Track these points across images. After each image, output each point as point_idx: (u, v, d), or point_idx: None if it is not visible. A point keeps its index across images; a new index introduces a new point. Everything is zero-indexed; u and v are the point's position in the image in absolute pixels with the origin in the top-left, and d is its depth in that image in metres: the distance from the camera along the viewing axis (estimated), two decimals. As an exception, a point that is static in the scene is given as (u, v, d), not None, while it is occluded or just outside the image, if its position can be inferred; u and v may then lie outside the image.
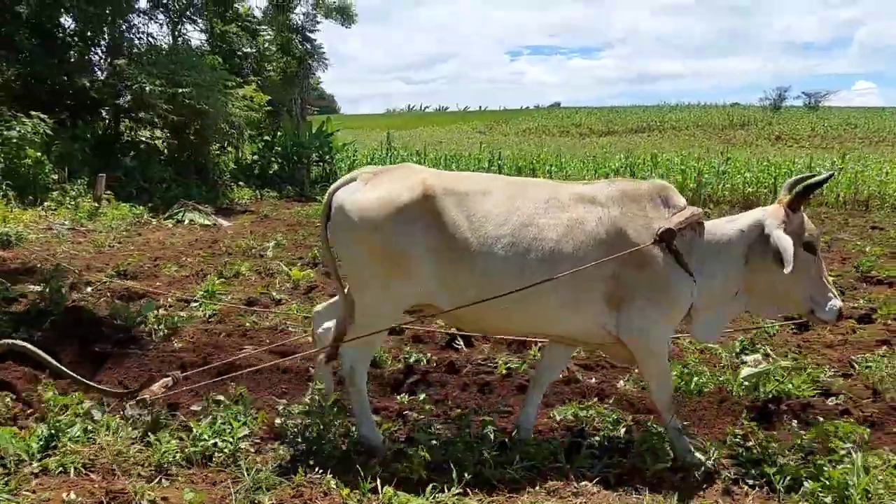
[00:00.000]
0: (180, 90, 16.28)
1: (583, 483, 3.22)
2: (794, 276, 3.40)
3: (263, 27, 26.50)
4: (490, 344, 5.43)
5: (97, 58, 16.38)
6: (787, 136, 55.98)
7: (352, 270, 3.61)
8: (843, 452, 3.26)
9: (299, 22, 27.02)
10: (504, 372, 4.90)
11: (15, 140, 13.90)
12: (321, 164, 25.93)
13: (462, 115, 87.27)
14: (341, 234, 3.57)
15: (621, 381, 4.84)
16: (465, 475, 3.10)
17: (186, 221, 13.77)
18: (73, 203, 13.60)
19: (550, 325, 3.62)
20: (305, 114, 25.61)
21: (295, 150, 24.04)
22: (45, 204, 13.58)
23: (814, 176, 3.66)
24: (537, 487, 3.16)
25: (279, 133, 24.54)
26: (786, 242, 3.33)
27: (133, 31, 18.78)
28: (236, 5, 23.57)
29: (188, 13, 22.48)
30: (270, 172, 23.40)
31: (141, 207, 14.46)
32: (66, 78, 16.12)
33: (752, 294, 3.63)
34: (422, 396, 4.27)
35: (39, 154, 14.22)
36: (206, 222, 13.87)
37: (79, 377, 3.88)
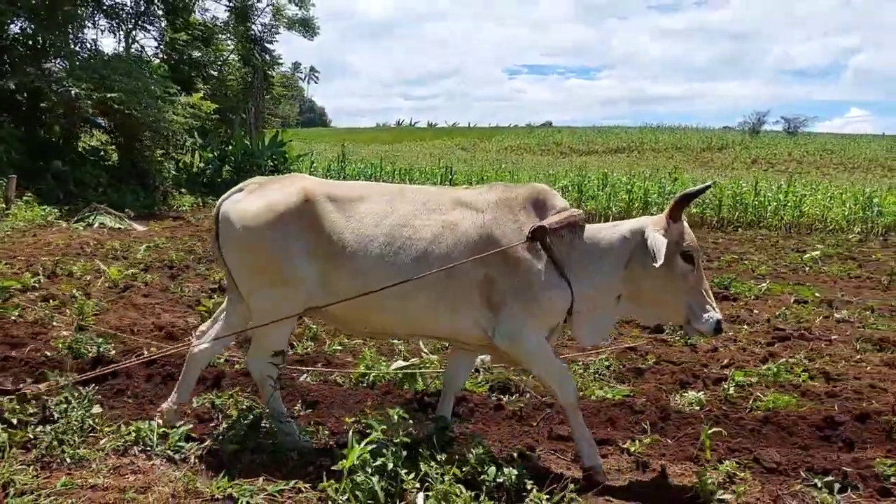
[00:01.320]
0: (109, 95, 16.47)
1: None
2: (672, 284, 3.46)
3: (222, 36, 26.76)
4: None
5: (28, 61, 16.40)
6: (763, 160, 56.35)
7: (240, 278, 3.66)
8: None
9: (257, 32, 27.27)
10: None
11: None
12: (275, 173, 26.06)
13: (448, 131, 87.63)
14: (227, 242, 3.63)
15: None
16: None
17: (96, 225, 13.84)
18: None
19: (430, 325, 3.64)
20: (259, 124, 25.61)
21: (246, 159, 24.26)
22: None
23: (709, 186, 3.76)
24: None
25: (232, 142, 24.70)
26: (659, 241, 3.35)
27: (75, 36, 18.86)
28: (187, 15, 23.77)
29: (140, 21, 22.73)
30: (219, 180, 23.54)
31: (54, 210, 14.57)
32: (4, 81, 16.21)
33: (632, 300, 3.62)
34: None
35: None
36: (118, 226, 13.96)
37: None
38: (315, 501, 2.94)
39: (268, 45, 27.26)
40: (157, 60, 22.90)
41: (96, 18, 20.46)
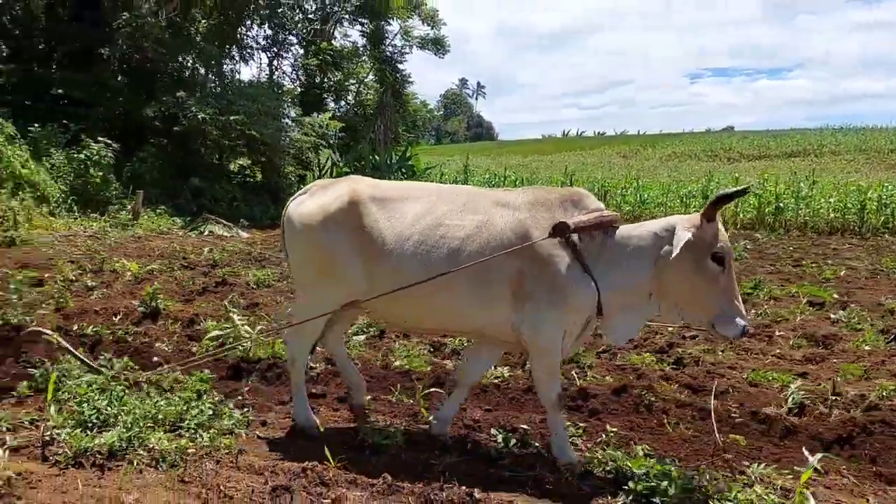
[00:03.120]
0: (232, 118, 18.50)
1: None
2: (702, 285, 3.45)
3: (358, 59, 28.66)
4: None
5: (163, 91, 18.85)
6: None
7: (294, 271, 4.08)
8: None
9: (389, 54, 28.91)
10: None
11: (83, 161, 16.62)
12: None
13: (613, 139, 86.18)
14: (288, 240, 4.01)
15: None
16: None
17: (206, 232, 15.72)
18: (119, 215, 15.99)
19: (464, 320, 3.78)
20: (388, 140, 27.18)
21: (372, 174, 25.87)
22: (104, 217, 16.06)
23: (747, 189, 3.80)
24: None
25: (360, 157, 26.45)
26: (681, 237, 3.39)
27: (211, 68, 21.28)
28: (326, 44, 25.82)
29: (279, 51, 25.10)
30: (346, 194, 25.26)
31: (178, 220, 16.67)
32: (142, 110, 18.75)
33: (662, 299, 3.62)
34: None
35: (102, 174, 16.82)
36: (224, 233, 15.75)
37: (84, 358, 4.39)
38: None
39: (398, 66, 28.78)
40: (291, 85, 25.12)
41: (232, 52, 22.82)
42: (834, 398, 4.63)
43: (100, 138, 16.95)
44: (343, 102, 26.93)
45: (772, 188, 23.34)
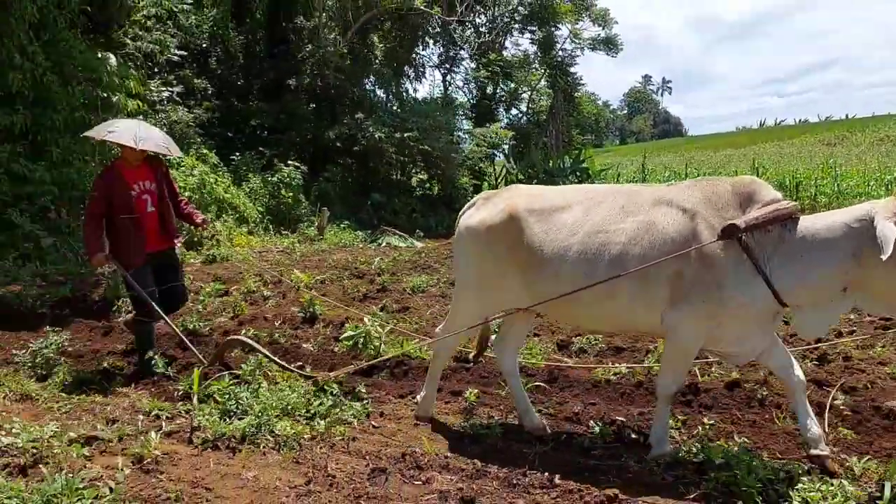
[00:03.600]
0: (406, 135, 19.52)
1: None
2: None
3: (529, 66, 29.02)
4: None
5: (343, 114, 20.28)
6: None
7: (457, 278, 4.42)
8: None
9: (560, 58, 28.98)
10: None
11: (275, 184, 18.34)
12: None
13: (817, 126, 79.57)
14: (455, 249, 4.38)
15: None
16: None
17: (383, 244, 16.71)
18: (307, 231, 17.47)
19: (630, 320, 3.79)
20: (560, 143, 27.23)
21: (545, 180, 26.03)
22: (294, 234, 17.63)
23: None
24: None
25: (532, 164, 26.73)
26: (888, 230, 3.09)
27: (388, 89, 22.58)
28: (496, 55, 26.45)
29: (451, 66, 26.04)
30: (520, 200, 25.68)
31: (360, 234, 17.85)
32: (325, 133, 20.31)
33: (863, 291, 3.35)
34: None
35: (293, 194, 18.44)
36: (400, 244, 16.66)
37: (282, 363, 4.94)
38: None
39: (569, 69, 28.73)
40: (463, 98, 25.96)
41: (408, 72, 24.01)
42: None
43: (289, 162, 18.59)
44: (516, 111, 27.36)
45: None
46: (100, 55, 14.49)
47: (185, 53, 19.50)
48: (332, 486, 3.18)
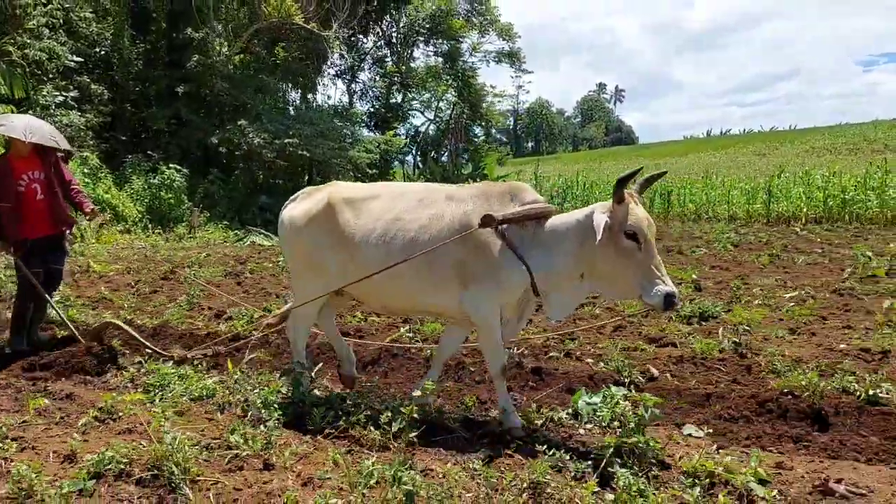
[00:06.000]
0: (286, 141, 20.78)
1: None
2: (620, 261, 3.69)
3: (435, 78, 30.41)
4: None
5: (228, 121, 21.49)
6: None
7: (289, 266, 4.84)
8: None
9: (462, 70, 30.43)
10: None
11: (157, 186, 19.51)
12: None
13: (754, 136, 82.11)
14: (281, 240, 4.72)
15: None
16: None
17: (248, 242, 17.96)
18: (176, 230, 18.66)
19: (422, 301, 4.23)
20: (457, 151, 28.66)
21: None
22: (167, 233, 18.79)
23: (638, 171, 4.03)
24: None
25: (427, 171, 28.18)
26: (597, 220, 3.65)
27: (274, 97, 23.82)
28: (402, 66, 27.86)
29: (353, 76, 27.37)
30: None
31: (231, 233, 19.07)
32: (210, 138, 21.48)
33: (592, 278, 3.87)
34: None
35: (173, 195, 19.61)
36: (265, 242, 17.92)
37: (150, 346, 5.62)
38: None
39: (470, 80, 30.19)
40: (363, 108, 27.32)
41: (307, 82, 25.27)
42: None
43: (170, 165, 19.76)
44: (422, 119, 28.80)
45: (836, 181, 22.49)
46: (-19, 62, 15.61)
47: (82, 60, 20.53)
48: None
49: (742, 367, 5.14)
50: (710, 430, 4.01)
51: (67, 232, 6.47)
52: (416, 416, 3.61)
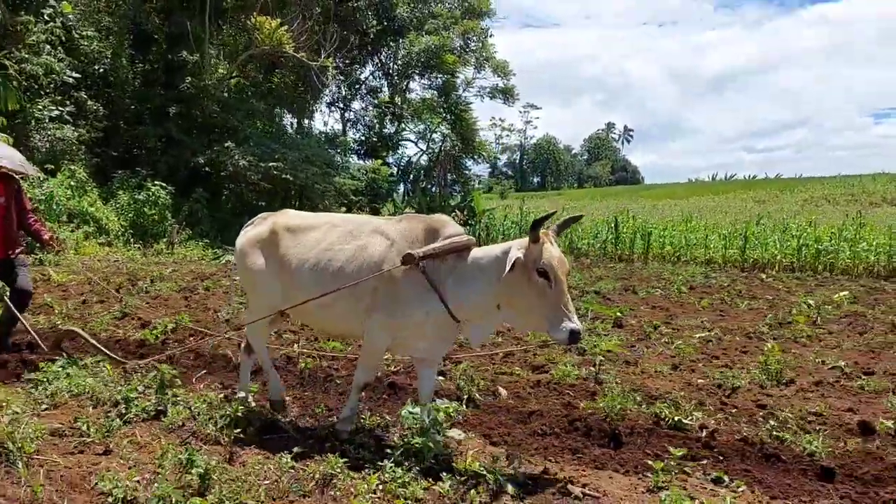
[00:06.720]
0: (271, 164, 21.43)
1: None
2: (531, 296, 3.87)
3: (429, 110, 31.17)
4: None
5: (216, 142, 22.21)
6: None
7: (242, 285, 5.17)
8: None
9: (455, 104, 31.19)
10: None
11: (141, 201, 20.14)
12: (466, 226, 29.48)
13: (758, 182, 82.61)
14: (236, 261, 5.03)
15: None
16: None
17: (223, 261, 18.48)
18: (156, 245, 19.23)
19: (350, 328, 4.55)
20: (444, 182, 29.29)
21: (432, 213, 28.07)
22: (154, 247, 19.37)
23: (552, 214, 4.28)
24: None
25: (415, 200, 28.77)
26: (511, 255, 3.87)
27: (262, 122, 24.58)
28: (394, 97, 28.70)
29: (344, 105, 28.15)
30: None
31: (210, 251, 19.62)
32: (196, 158, 22.15)
33: (507, 309, 4.07)
34: None
35: (157, 211, 20.23)
36: (239, 262, 18.45)
37: (107, 352, 5.80)
38: None
39: (463, 115, 30.94)
40: (355, 136, 28.07)
41: (303, 106, 26.06)
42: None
43: (156, 182, 20.41)
44: (415, 149, 29.52)
45: (812, 231, 22.95)
46: (-24, 75, 16.35)
47: (80, 76, 21.31)
48: None
49: (588, 393, 5.57)
50: (504, 441, 4.53)
51: (17, 252, 6.57)
52: (240, 415, 4.08)
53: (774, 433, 4.64)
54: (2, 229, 6.35)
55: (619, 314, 10.18)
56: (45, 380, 5.18)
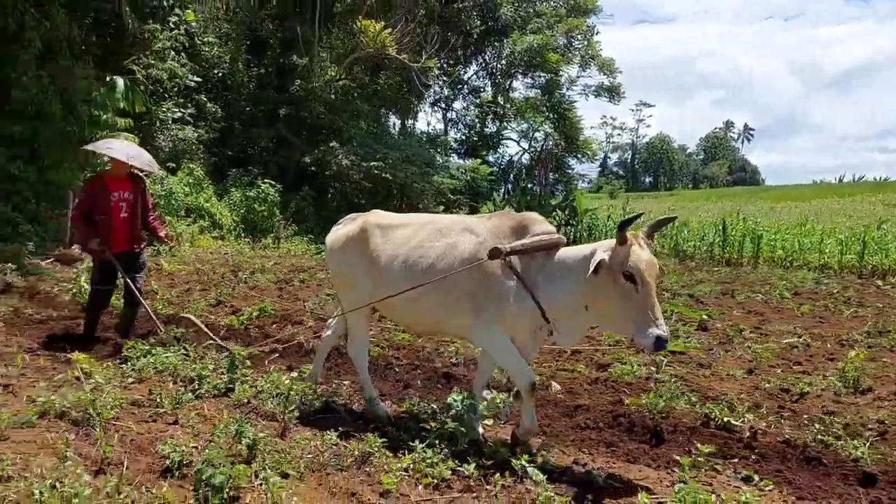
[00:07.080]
0: (372, 163, 22.12)
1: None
2: (617, 299, 3.82)
3: (532, 109, 31.21)
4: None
5: (322, 142, 23.09)
6: None
7: (333, 282, 5.54)
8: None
9: (558, 102, 31.05)
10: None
11: (252, 198, 21.28)
12: (568, 226, 29.31)
13: (894, 184, 77.34)
14: (326, 258, 5.21)
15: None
16: None
17: (323, 255, 19.26)
18: (264, 240, 20.26)
19: (439, 324, 4.55)
20: (547, 182, 29.21)
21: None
22: (262, 241, 20.46)
23: (640, 215, 4.31)
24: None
25: (515, 199, 28.80)
26: (596, 257, 3.82)
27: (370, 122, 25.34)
28: (488, 95, 28.94)
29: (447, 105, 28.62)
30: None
31: (311, 246, 20.46)
32: (304, 158, 23.16)
33: (595, 310, 4.02)
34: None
35: (266, 208, 21.31)
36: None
37: (215, 338, 6.24)
38: None
39: (567, 113, 30.73)
40: (456, 135, 28.46)
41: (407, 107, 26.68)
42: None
43: (266, 180, 21.50)
44: (517, 149, 29.64)
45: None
46: (108, 79, 17.77)
47: (201, 80, 22.74)
48: None
49: (642, 392, 5.57)
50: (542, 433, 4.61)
51: (142, 247, 6.97)
52: (297, 396, 4.42)
53: (819, 437, 4.54)
54: (129, 225, 6.71)
55: (704, 317, 9.96)
56: (134, 357, 5.70)
